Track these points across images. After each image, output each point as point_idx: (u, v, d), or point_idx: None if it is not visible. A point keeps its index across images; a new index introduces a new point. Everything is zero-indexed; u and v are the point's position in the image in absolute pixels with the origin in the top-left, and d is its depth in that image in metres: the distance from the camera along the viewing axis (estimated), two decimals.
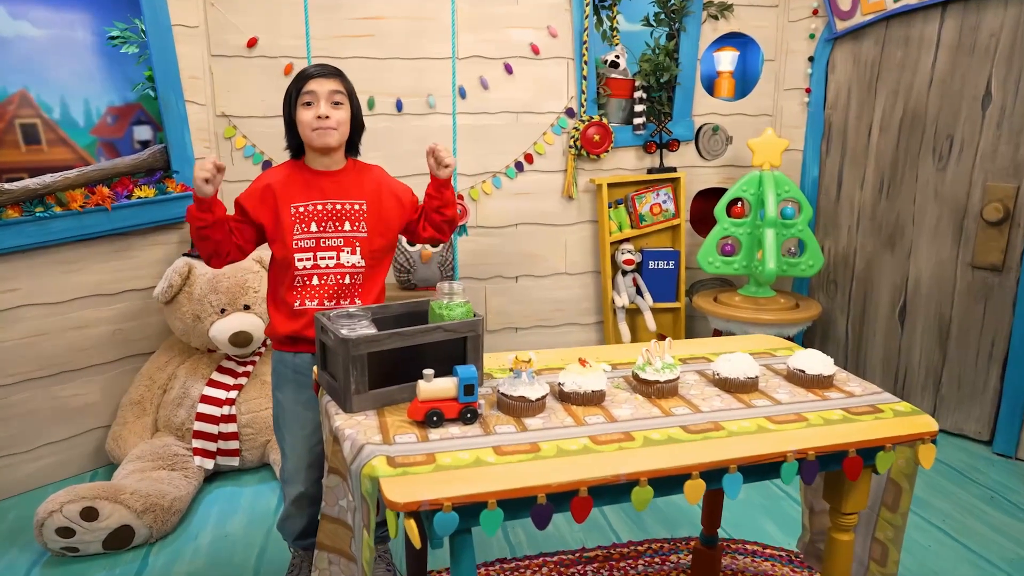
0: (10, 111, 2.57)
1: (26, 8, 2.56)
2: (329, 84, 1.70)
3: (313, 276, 1.74)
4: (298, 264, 1.73)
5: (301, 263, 1.73)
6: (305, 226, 1.73)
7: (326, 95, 1.69)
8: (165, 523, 2.21)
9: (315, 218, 1.74)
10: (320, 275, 1.75)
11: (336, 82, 1.72)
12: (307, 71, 1.72)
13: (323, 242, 1.74)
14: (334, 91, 1.71)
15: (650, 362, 1.53)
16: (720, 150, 3.30)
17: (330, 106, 1.70)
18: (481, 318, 1.53)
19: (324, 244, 1.74)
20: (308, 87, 1.69)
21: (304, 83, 1.70)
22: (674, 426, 1.38)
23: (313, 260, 1.74)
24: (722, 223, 3.01)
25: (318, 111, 1.68)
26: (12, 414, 2.44)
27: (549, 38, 3.04)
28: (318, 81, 1.69)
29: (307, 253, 1.74)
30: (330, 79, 1.71)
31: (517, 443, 1.30)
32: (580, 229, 3.24)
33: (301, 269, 1.73)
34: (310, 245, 1.74)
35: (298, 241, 1.73)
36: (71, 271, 2.50)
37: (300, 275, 1.74)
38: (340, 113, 1.72)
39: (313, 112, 1.69)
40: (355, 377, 1.39)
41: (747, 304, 3.00)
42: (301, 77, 1.71)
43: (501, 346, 3.28)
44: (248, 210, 1.73)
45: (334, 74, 1.73)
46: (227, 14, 2.77)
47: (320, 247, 1.74)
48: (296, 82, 1.72)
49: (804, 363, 1.61)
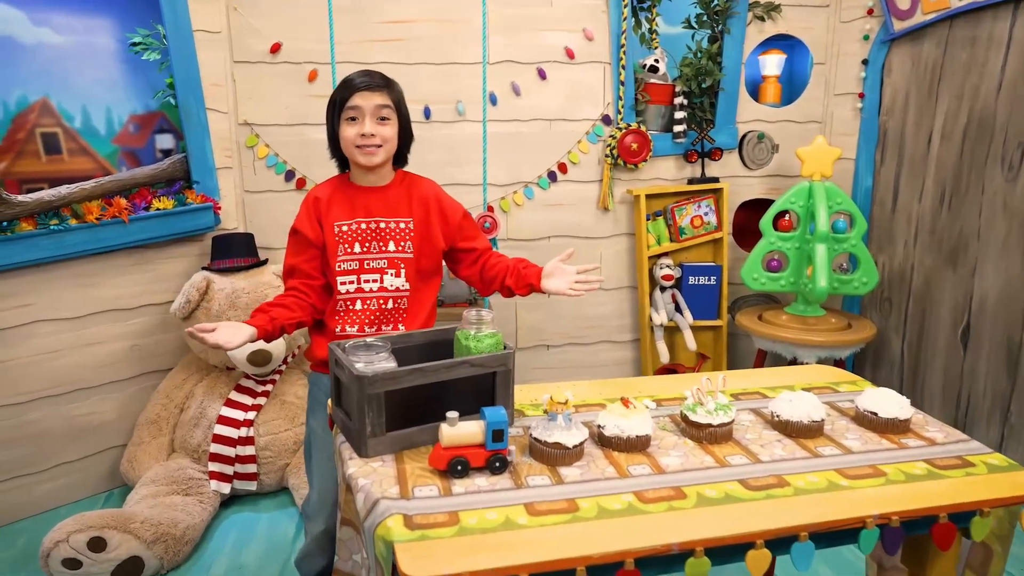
0: (31, 120, 2.49)
1: (49, 14, 2.49)
2: (375, 98, 1.57)
3: (356, 300, 1.64)
4: (341, 288, 1.63)
5: (344, 287, 1.63)
6: (348, 247, 1.63)
7: (371, 110, 1.56)
8: (177, 553, 2.10)
9: (358, 238, 1.63)
10: (364, 299, 1.64)
11: (383, 95, 1.58)
12: (352, 82, 1.57)
13: (367, 264, 1.63)
14: (380, 105, 1.57)
15: (701, 402, 1.37)
16: (765, 159, 3.11)
17: (376, 122, 1.57)
18: (512, 351, 1.38)
19: (368, 266, 1.63)
20: (352, 101, 1.55)
21: (348, 96, 1.56)
22: (731, 480, 1.21)
23: (356, 283, 1.63)
24: (768, 237, 2.82)
25: (362, 128, 1.56)
26: (25, 433, 2.36)
27: (584, 41, 2.88)
28: (363, 95, 1.56)
29: (350, 276, 1.63)
30: (377, 92, 1.57)
31: (552, 499, 1.14)
32: (616, 242, 3.07)
33: (344, 293, 1.63)
34: (353, 267, 1.63)
35: (341, 263, 1.62)
36: (87, 285, 2.42)
37: (343, 299, 1.63)
38: (386, 129, 1.59)
39: (357, 129, 1.56)
40: (371, 419, 1.25)
41: (795, 323, 2.80)
42: (345, 88, 1.57)
43: (533, 363, 3.12)
44: (309, 235, 1.63)
45: (381, 86, 1.59)
46: (250, 19, 2.67)
47: (364, 269, 1.63)
48: (340, 92, 1.58)
49: (876, 404, 1.42)
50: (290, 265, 1.65)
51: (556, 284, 1.65)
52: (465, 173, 2.88)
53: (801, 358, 2.75)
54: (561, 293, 1.64)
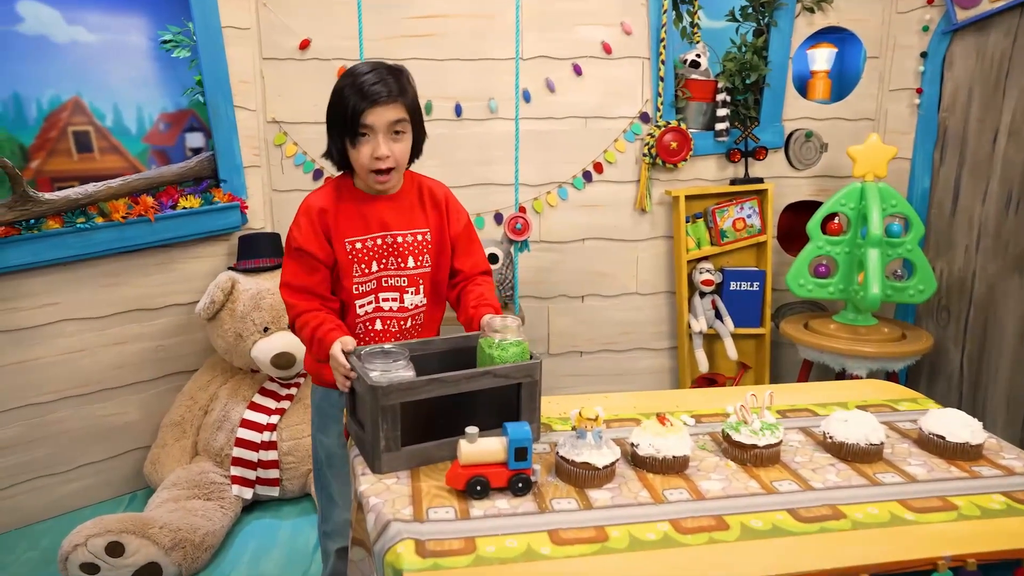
0: (63, 118, 2.49)
1: (82, 13, 2.48)
2: (389, 112, 1.37)
3: (376, 320, 1.50)
4: (359, 310, 1.49)
5: (362, 308, 1.49)
6: (365, 266, 1.47)
7: (385, 127, 1.38)
8: (195, 560, 2.05)
9: (375, 255, 1.48)
10: (384, 319, 1.50)
11: (398, 107, 1.39)
12: (363, 92, 1.36)
13: (385, 281, 1.49)
14: (395, 120, 1.39)
15: (745, 420, 1.24)
16: (813, 159, 2.94)
17: (390, 139, 1.39)
18: (539, 361, 1.28)
19: (386, 284, 1.49)
20: (364, 119, 1.36)
21: (359, 111, 1.36)
22: (780, 509, 1.09)
23: (375, 303, 1.49)
24: (816, 241, 2.66)
25: (376, 149, 1.38)
26: (49, 433, 2.34)
27: (622, 36, 2.76)
28: (376, 112, 1.36)
29: (367, 297, 1.49)
30: (391, 105, 1.37)
31: (580, 526, 1.03)
32: (654, 245, 2.94)
33: (362, 315, 1.49)
34: (371, 288, 1.49)
35: (358, 284, 1.47)
36: (112, 284, 2.39)
37: (362, 321, 1.50)
38: (401, 146, 1.42)
39: (370, 150, 1.38)
40: (385, 432, 1.16)
41: (844, 333, 2.63)
42: (356, 97, 1.36)
43: (564, 370, 3.01)
44: (318, 255, 1.44)
45: (396, 95, 1.39)
46: (279, 15, 2.62)
47: (381, 287, 1.49)
48: (350, 102, 1.36)
49: (943, 426, 1.28)
50: (301, 285, 1.45)
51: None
52: (496, 173, 2.79)
53: (850, 370, 2.58)
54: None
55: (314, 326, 1.40)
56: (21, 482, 2.30)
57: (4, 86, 2.36)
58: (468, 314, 1.49)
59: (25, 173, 2.37)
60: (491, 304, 1.49)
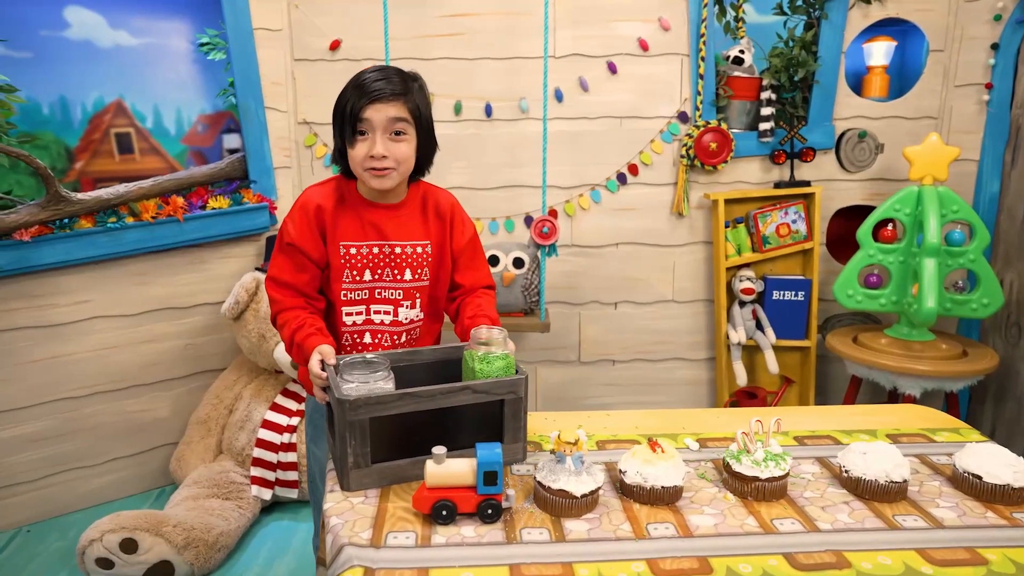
0: (106, 120, 2.55)
1: (125, 17, 2.54)
2: (389, 109, 1.31)
3: (365, 333, 1.43)
4: (346, 319, 1.42)
5: (350, 317, 1.42)
6: (357, 273, 1.40)
7: (383, 125, 1.32)
8: (208, 560, 2.05)
9: (369, 264, 1.41)
10: (374, 332, 1.43)
11: (399, 105, 1.32)
12: (363, 88, 1.31)
13: (378, 293, 1.42)
14: (395, 119, 1.32)
15: (747, 449, 1.13)
16: (867, 160, 2.74)
17: (388, 139, 1.33)
18: (524, 376, 1.20)
19: (380, 296, 1.42)
20: (362, 114, 1.31)
21: (357, 108, 1.31)
22: (775, 552, 0.98)
23: (366, 314, 1.42)
24: (867, 248, 2.47)
25: (372, 147, 1.32)
26: (82, 427, 2.40)
27: (660, 32, 2.64)
28: (375, 107, 1.30)
29: (358, 307, 1.42)
30: (391, 102, 1.31)
31: (546, 561, 0.95)
32: (691, 251, 2.81)
33: (351, 325, 1.42)
34: (361, 297, 1.42)
35: (347, 292, 1.41)
36: (143, 283, 2.44)
37: (349, 331, 1.43)
38: (401, 147, 1.34)
39: (367, 148, 1.32)
40: (353, 448, 1.11)
41: (896, 348, 2.44)
42: (356, 94, 1.32)
43: (596, 379, 2.91)
44: (311, 253, 1.39)
45: (397, 93, 1.32)
46: (310, 16, 2.62)
47: (374, 299, 1.42)
48: (349, 99, 1.33)
49: (980, 464, 1.13)
50: (286, 281, 1.39)
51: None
52: (527, 174, 2.71)
53: (902, 389, 2.39)
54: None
55: (295, 327, 1.35)
56: (54, 473, 2.37)
57: (51, 90, 2.44)
58: (464, 325, 1.43)
59: (69, 174, 2.44)
60: (488, 316, 1.41)
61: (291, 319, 1.36)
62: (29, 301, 2.25)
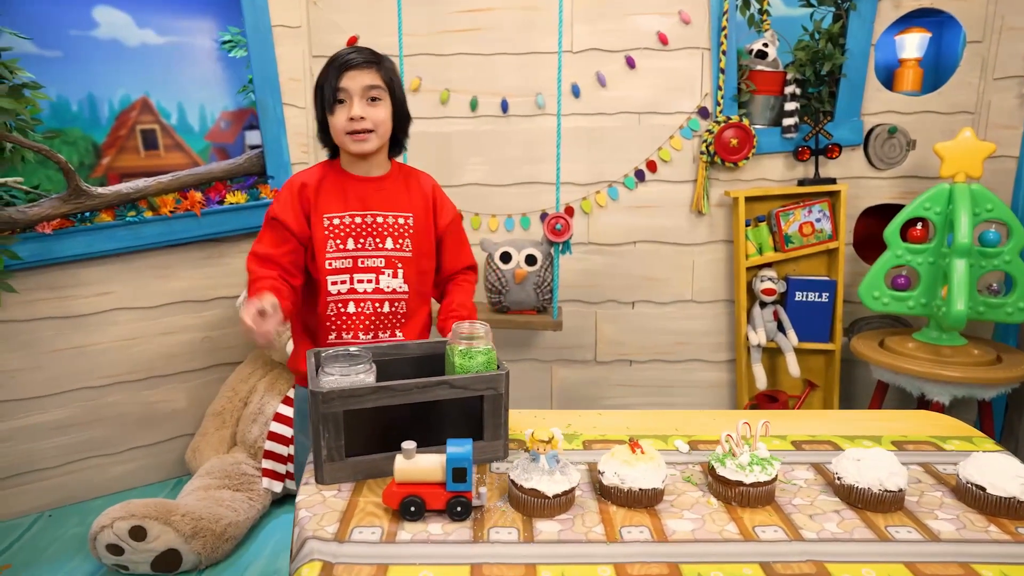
0: (132, 117, 2.61)
1: (151, 16, 2.59)
2: (364, 77, 1.40)
3: (349, 302, 1.48)
4: (331, 288, 1.47)
5: (335, 286, 1.47)
6: (341, 242, 1.46)
7: (360, 91, 1.40)
8: (215, 550, 2.08)
9: (352, 233, 1.46)
10: (357, 301, 1.47)
11: (372, 73, 1.41)
12: (338, 60, 1.41)
13: (361, 262, 1.47)
14: (370, 86, 1.41)
15: (732, 452, 1.08)
16: (898, 157, 2.63)
17: (365, 104, 1.41)
18: (505, 372, 1.17)
19: (362, 264, 1.47)
20: (340, 82, 1.40)
21: (336, 77, 1.40)
22: (752, 561, 0.93)
23: (349, 283, 1.47)
24: (894, 248, 2.37)
25: (351, 111, 1.40)
26: (103, 415, 2.46)
27: (681, 26, 2.58)
28: (350, 75, 1.40)
29: (342, 275, 1.47)
30: (365, 70, 1.40)
31: (509, 562, 0.92)
32: (711, 250, 2.74)
33: (335, 294, 1.47)
34: (345, 266, 1.47)
35: (331, 260, 1.46)
36: (162, 276, 2.49)
37: (334, 300, 1.47)
38: (378, 111, 1.42)
39: (346, 113, 1.40)
40: (327, 441, 1.10)
41: (925, 353, 2.33)
42: (331, 68, 1.42)
43: (613, 380, 2.86)
44: (292, 227, 1.44)
45: (370, 62, 1.41)
46: (329, 13, 2.64)
47: (357, 268, 1.47)
48: (326, 73, 1.43)
49: (984, 474, 1.07)
50: (265, 254, 1.43)
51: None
52: (544, 171, 2.68)
53: (930, 395, 2.28)
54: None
55: (256, 287, 1.37)
56: (75, 460, 2.44)
57: (80, 87, 2.51)
58: (440, 325, 1.50)
59: (96, 169, 2.51)
60: (466, 307, 1.49)
61: (255, 281, 1.39)
62: (52, 292, 2.31)
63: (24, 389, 2.33)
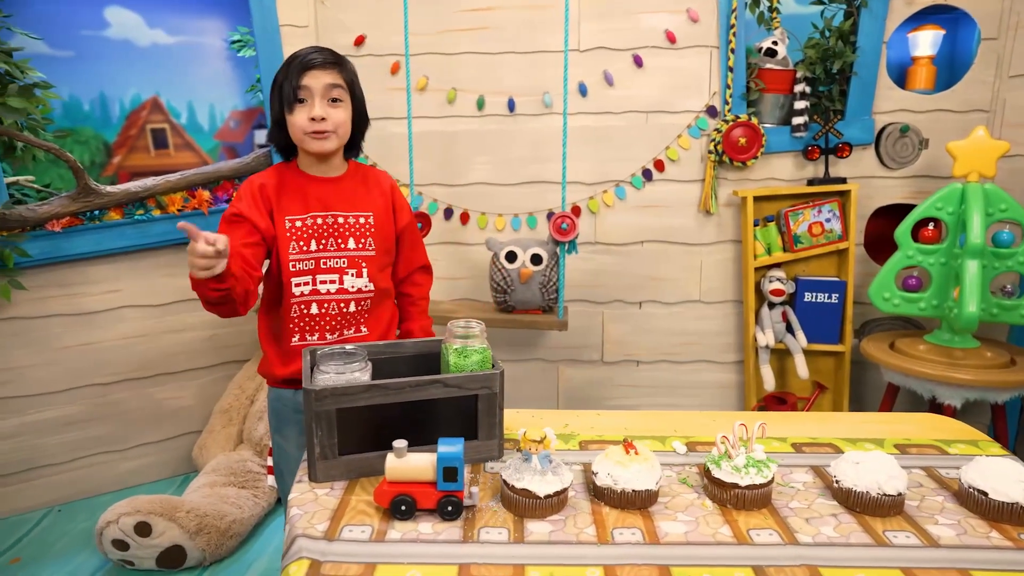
0: (142, 116, 2.63)
1: (162, 16, 2.61)
2: (325, 77, 1.39)
3: (312, 304, 1.46)
4: (295, 290, 1.45)
5: (298, 288, 1.45)
6: (304, 243, 1.44)
7: (322, 91, 1.39)
8: (220, 547, 2.09)
9: (314, 234, 1.45)
10: (320, 302, 1.46)
11: (334, 73, 1.41)
12: (300, 59, 1.39)
13: (323, 263, 1.46)
14: (331, 85, 1.40)
15: (728, 454, 1.07)
16: (910, 157, 2.59)
17: (326, 104, 1.40)
18: (499, 371, 1.17)
19: (325, 265, 1.46)
20: (301, 80, 1.38)
21: (297, 76, 1.38)
22: (744, 564, 0.92)
23: (312, 284, 1.46)
24: (905, 249, 2.33)
25: (312, 111, 1.39)
26: (111, 412, 2.48)
27: (689, 24, 2.56)
28: (312, 74, 1.38)
29: (304, 277, 1.45)
30: (327, 70, 1.40)
31: (498, 562, 0.92)
32: (719, 250, 2.71)
33: (299, 296, 1.46)
34: (308, 267, 1.45)
35: (295, 262, 1.44)
36: (170, 274, 2.50)
37: (297, 302, 1.46)
38: (338, 112, 1.42)
39: (307, 113, 1.39)
40: (320, 439, 1.10)
41: (936, 356, 2.29)
42: (293, 67, 1.39)
43: (620, 380, 2.84)
44: (258, 224, 1.41)
45: (332, 63, 1.41)
46: (336, 12, 2.65)
47: (320, 268, 1.46)
48: (285, 71, 1.40)
49: (987, 478, 1.04)
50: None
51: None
52: (551, 170, 2.67)
53: (941, 398, 2.25)
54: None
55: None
56: (84, 456, 2.47)
57: (91, 87, 2.53)
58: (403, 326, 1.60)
59: (107, 168, 2.53)
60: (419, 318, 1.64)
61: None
62: (61, 289, 2.34)
63: (34, 385, 2.36)
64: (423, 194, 2.73)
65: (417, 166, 2.61)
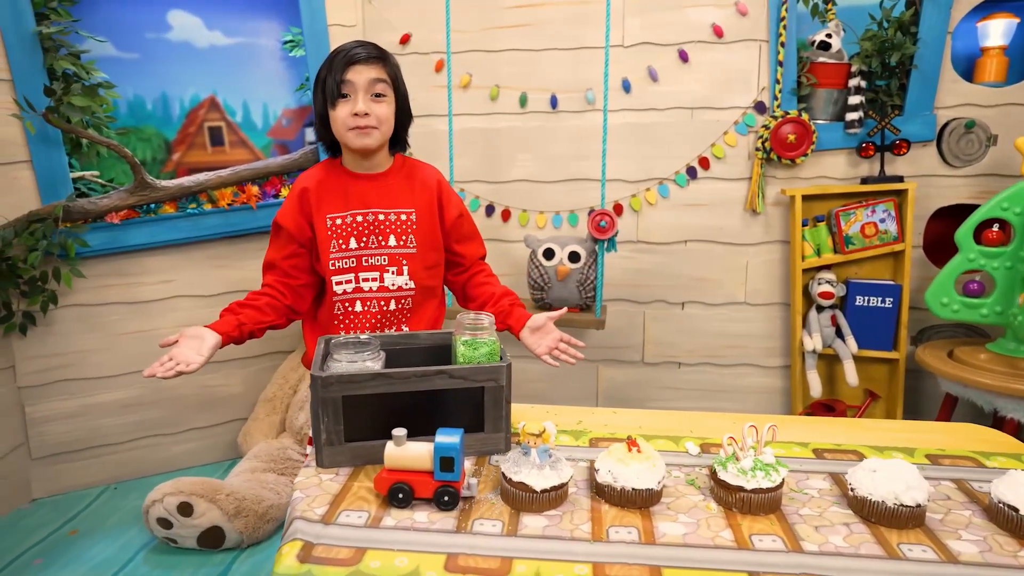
0: (200, 115, 2.75)
1: (220, 19, 2.72)
2: (369, 71, 1.40)
3: (356, 301, 1.49)
4: (336, 288, 1.48)
5: (340, 286, 1.48)
6: (343, 242, 1.46)
7: (365, 86, 1.40)
8: (257, 530, 2.16)
9: (354, 232, 1.47)
10: (364, 300, 1.48)
11: (378, 68, 1.41)
12: (343, 53, 1.40)
13: (365, 260, 1.47)
14: (375, 80, 1.40)
15: (736, 456, 1.03)
16: (976, 154, 2.44)
17: (370, 99, 1.40)
18: (506, 364, 1.16)
19: (366, 263, 1.47)
20: (345, 75, 1.39)
21: (341, 71, 1.39)
22: (740, 569, 0.88)
23: (355, 283, 1.48)
24: (966, 252, 2.20)
25: (355, 106, 1.39)
26: (163, 397, 2.60)
27: (737, 17, 2.49)
28: (356, 69, 1.39)
29: (346, 275, 1.47)
30: (371, 65, 1.40)
31: (486, 554, 0.91)
32: (767, 251, 2.62)
33: (341, 294, 1.48)
34: (349, 265, 1.47)
35: (335, 261, 1.47)
36: (219, 266, 2.60)
37: (340, 300, 1.48)
38: (382, 108, 1.42)
39: (349, 108, 1.40)
40: (326, 425, 1.12)
41: (998, 365, 2.16)
42: (336, 62, 1.40)
43: (660, 382, 2.79)
44: (292, 231, 1.47)
45: (375, 57, 1.41)
46: (382, 11, 2.69)
47: (361, 266, 1.47)
48: (329, 66, 1.41)
49: (1019, 494, 0.97)
50: (269, 260, 1.50)
51: (536, 342, 1.45)
52: (593, 167, 2.64)
53: (1003, 411, 2.11)
54: (536, 355, 1.45)
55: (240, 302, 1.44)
56: (139, 438, 2.59)
57: (154, 87, 2.66)
58: (503, 311, 1.52)
59: (168, 164, 2.66)
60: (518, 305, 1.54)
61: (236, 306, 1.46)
62: (120, 279, 2.46)
63: (96, 369, 2.49)
64: (465, 191, 2.75)
65: (459, 163, 2.63)
